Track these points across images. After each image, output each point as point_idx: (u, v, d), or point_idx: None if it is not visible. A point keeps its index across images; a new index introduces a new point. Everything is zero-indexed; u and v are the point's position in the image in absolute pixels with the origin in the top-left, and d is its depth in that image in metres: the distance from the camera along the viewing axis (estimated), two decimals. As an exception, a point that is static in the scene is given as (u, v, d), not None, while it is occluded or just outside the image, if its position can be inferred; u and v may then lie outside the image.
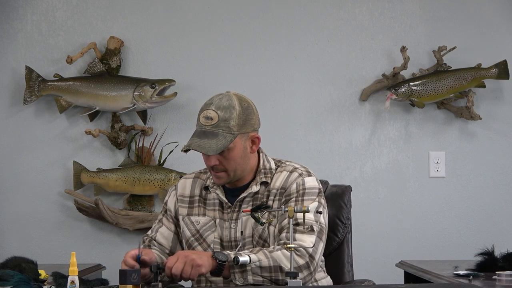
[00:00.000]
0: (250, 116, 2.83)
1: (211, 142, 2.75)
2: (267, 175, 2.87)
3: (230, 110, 2.78)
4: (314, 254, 2.72)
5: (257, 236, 2.82)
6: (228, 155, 2.78)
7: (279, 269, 2.67)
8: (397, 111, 4.47)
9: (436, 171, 4.47)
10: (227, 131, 2.77)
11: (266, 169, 2.89)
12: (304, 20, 4.47)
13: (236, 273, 2.66)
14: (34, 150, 4.44)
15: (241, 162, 2.81)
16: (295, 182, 2.85)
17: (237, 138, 2.78)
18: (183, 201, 2.95)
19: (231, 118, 2.77)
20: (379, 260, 4.40)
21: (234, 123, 2.78)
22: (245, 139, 2.82)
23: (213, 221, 2.88)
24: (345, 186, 3.35)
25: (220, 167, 2.80)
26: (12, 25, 4.46)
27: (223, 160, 2.79)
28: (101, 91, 4.36)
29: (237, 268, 2.65)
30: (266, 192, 2.86)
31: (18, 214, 4.42)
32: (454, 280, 3.09)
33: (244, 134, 2.81)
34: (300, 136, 4.46)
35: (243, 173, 2.84)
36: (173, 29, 4.46)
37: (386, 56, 4.47)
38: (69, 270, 2.51)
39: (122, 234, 4.40)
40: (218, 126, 2.77)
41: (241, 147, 2.80)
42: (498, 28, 4.49)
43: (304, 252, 2.70)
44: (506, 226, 4.46)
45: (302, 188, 2.84)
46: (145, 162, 4.38)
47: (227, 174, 2.82)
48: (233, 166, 2.80)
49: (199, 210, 2.92)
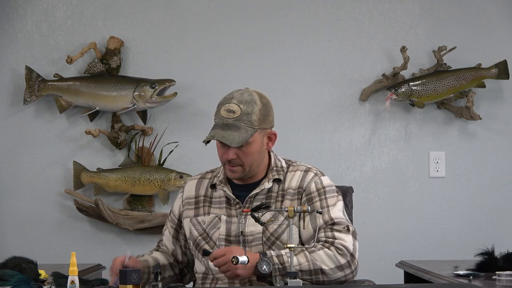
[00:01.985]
0: (269, 112, 2.87)
1: (234, 134, 2.78)
2: (280, 173, 2.90)
3: (252, 105, 2.81)
4: (354, 253, 2.77)
5: (269, 233, 2.82)
6: (246, 150, 2.81)
7: (319, 271, 2.71)
8: (397, 111, 4.47)
9: (436, 171, 4.47)
10: (249, 125, 2.80)
11: (278, 167, 2.92)
12: (304, 20, 4.47)
13: (277, 276, 2.70)
14: (34, 150, 4.44)
15: (257, 158, 2.85)
16: (313, 182, 2.88)
17: (257, 133, 2.82)
18: (189, 203, 2.96)
19: (253, 113, 2.81)
20: (379, 260, 4.40)
21: (256, 117, 2.81)
22: (263, 135, 2.86)
23: (218, 218, 2.88)
24: (347, 187, 3.36)
25: (237, 161, 2.83)
26: (12, 25, 4.46)
27: (241, 154, 2.81)
28: (101, 91, 4.36)
29: (278, 271, 2.69)
30: (281, 192, 2.88)
31: (18, 214, 4.42)
32: (454, 280, 3.09)
33: (263, 130, 2.85)
34: (300, 136, 4.46)
35: (257, 169, 2.87)
36: (173, 29, 4.46)
37: (386, 56, 4.47)
38: (69, 270, 2.51)
39: (122, 234, 4.40)
40: (240, 120, 2.80)
41: (259, 142, 2.84)
42: (498, 28, 4.49)
43: (346, 251, 2.74)
44: (506, 226, 4.46)
45: (321, 187, 2.88)
46: (145, 162, 4.38)
47: (242, 168, 2.84)
48: (250, 160, 2.83)
49: (204, 209, 2.93)
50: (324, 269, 2.70)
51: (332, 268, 2.71)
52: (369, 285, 2.91)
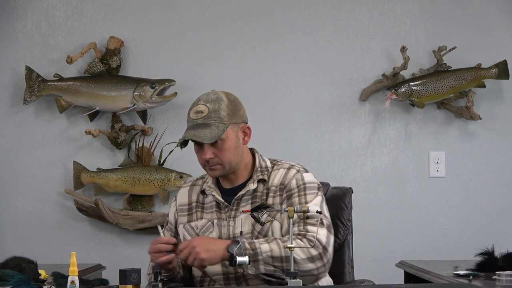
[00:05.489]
0: (238, 107, 2.89)
1: (205, 131, 2.81)
2: (264, 173, 2.91)
3: (218, 102, 2.85)
4: (327, 246, 2.76)
5: (257, 232, 2.83)
6: (222, 146, 2.83)
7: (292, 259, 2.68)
8: (397, 111, 4.47)
9: (436, 171, 4.47)
10: (219, 121, 2.83)
11: (263, 167, 2.93)
12: (304, 20, 4.47)
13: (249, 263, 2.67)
14: (34, 150, 4.44)
15: (235, 153, 2.86)
16: (294, 178, 2.89)
17: (229, 128, 2.84)
18: (182, 210, 3.00)
19: (220, 109, 2.84)
20: (379, 260, 4.40)
21: (224, 113, 2.84)
22: (237, 130, 2.87)
23: (211, 222, 2.91)
24: (346, 188, 3.37)
25: (216, 160, 2.84)
26: (12, 25, 4.46)
27: (217, 152, 2.83)
28: (101, 91, 4.36)
29: (250, 258, 2.67)
30: (265, 190, 2.89)
31: (18, 214, 4.42)
32: (454, 280, 3.09)
33: (235, 124, 2.86)
34: (300, 136, 4.46)
35: (237, 165, 2.88)
36: (173, 29, 4.46)
37: (386, 56, 4.47)
38: (69, 270, 2.51)
39: (122, 234, 4.40)
40: (209, 117, 2.83)
41: (233, 137, 2.85)
42: (498, 28, 4.49)
43: (318, 243, 2.73)
44: (506, 226, 4.46)
45: (302, 183, 2.88)
46: (145, 162, 4.38)
47: (222, 166, 2.86)
48: (228, 157, 2.84)
49: (197, 215, 2.96)
50: (295, 257, 2.68)
51: (303, 259, 2.70)
52: (368, 285, 2.91)
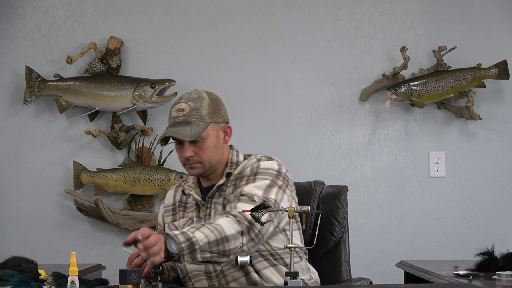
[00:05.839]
0: (220, 107, 2.89)
1: (185, 129, 2.81)
2: (232, 167, 2.91)
3: (200, 100, 2.85)
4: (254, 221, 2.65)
5: None
6: (202, 145, 2.83)
7: (225, 239, 2.62)
8: (397, 111, 4.47)
9: (436, 171, 4.47)
10: (200, 119, 2.83)
11: (233, 162, 2.93)
12: (304, 20, 4.47)
13: (185, 255, 2.57)
14: (34, 150, 4.44)
15: (215, 152, 2.86)
16: (251, 166, 2.88)
17: (210, 127, 2.84)
18: (167, 211, 3.02)
19: (201, 107, 2.84)
20: (379, 260, 4.40)
21: (205, 111, 2.84)
22: (218, 129, 2.87)
23: (191, 220, 2.92)
24: (341, 186, 3.36)
25: (196, 158, 2.85)
26: (12, 25, 4.46)
27: (198, 150, 2.84)
28: (101, 91, 4.36)
29: (187, 250, 2.56)
30: (229, 182, 2.89)
31: (18, 214, 4.42)
32: (454, 280, 3.09)
33: (216, 123, 2.87)
34: (300, 136, 4.46)
35: (217, 164, 2.89)
36: (173, 29, 4.46)
37: (386, 56, 4.47)
38: (69, 270, 2.51)
39: (122, 234, 4.40)
40: (190, 115, 2.83)
41: (213, 136, 2.85)
42: (498, 28, 4.49)
43: (244, 218, 2.65)
44: (506, 226, 4.46)
45: (256, 167, 2.86)
46: (145, 162, 4.38)
47: (202, 165, 2.86)
48: (208, 156, 2.85)
49: (180, 214, 2.98)
50: (228, 235, 2.61)
51: (233, 234, 2.63)
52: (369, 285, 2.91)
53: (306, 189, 3.30)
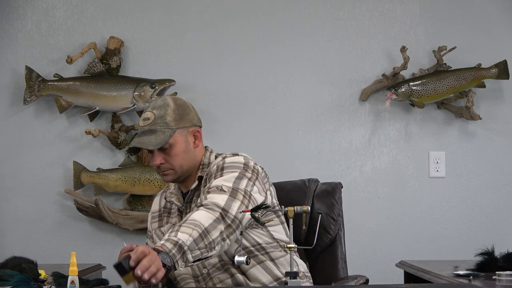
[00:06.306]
0: (187, 112, 2.89)
1: (150, 138, 2.81)
2: (203, 170, 2.91)
3: (164, 107, 2.86)
4: (227, 208, 2.64)
5: None
6: (171, 152, 2.84)
7: (206, 232, 2.56)
8: (397, 111, 4.47)
9: (436, 171, 4.47)
10: (165, 127, 2.83)
11: (205, 164, 2.92)
12: (304, 20, 4.47)
13: (178, 260, 2.50)
14: (34, 150, 4.44)
15: (185, 157, 2.87)
16: (216, 164, 2.86)
17: (177, 133, 2.84)
18: (154, 217, 3.04)
19: (166, 114, 2.84)
20: (379, 260, 4.40)
21: (171, 118, 2.84)
22: (186, 134, 2.87)
23: (173, 226, 2.90)
24: (335, 183, 3.35)
25: (166, 166, 2.86)
26: (12, 25, 4.46)
27: (167, 157, 2.85)
28: (101, 91, 4.36)
29: (178, 254, 2.49)
30: (201, 186, 2.88)
31: (18, 214, 4.42)
32: (454, 280, 3.09)
33: (183, 128, 2.86)
34: (300, 136, 4.46)
35: (190, 169, 2.89)
36: (173, 29, 4.46)
37: (386, 56, 4.47)
38: (69, 270, 2.51)
39: (122, 234, 4.40)
40: (155, 124, 2.84)
41: (182, 142, 2.86)
42: (498, 28, 4.49)
43: (215, 206, 2.62)
44: (506, 226, 4.46)
45: (222, 164, 2.84)
46: (145, 162, 4.38)
47: (174, 171, 2.87)
48: (178, 162, 2.85)
49: (164, 220, 3.00)
50: (207, 227, 2.56)
51: (211, 223, 2.58)
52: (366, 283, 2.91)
53: (301, 187, 3.30)
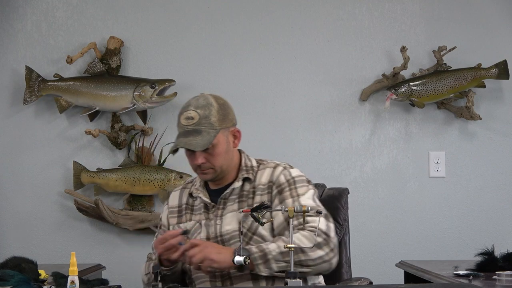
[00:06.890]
0: (228, 111, 2.92)
1: (196, 139, 2.83)
2: (249, 172, 2.94)
3: (208, 108, 2.87)
4: (329, 232, 2.79)
5: (245, 229, 2.85)
6: (213, 152, 2.86)
7: (300, 250, 2.72)
8: (397, 111, 4.47)
9: (436, 171, 4.47)
10: (210, 127, 2.85)
11: (248, 166, 2.96)
12: (304, 20, 4.47)
13: (259, 265, 2.72)
14: (34, 150, 4.44)
15: (226, 157, 2.89)
16: (282, 174, 2.92)
17: (220, 133, 2.87)
18: (172, 212, 3.03)
19: (211, 115, 2.86)
20: (379, 260, 4.40)
21: (215, 119, 2.86)
22: (227, 134, 2.90)
23: (199, 223, 2.93)
24: (342, 188, 3.38)
25: (207, 165, 2.88)
26: (12, 25, 4.46)
27: (209, 157, 2.86)
28: (101, 91, 4.36)
29: (260, 259, 2.71)
30: (252, 189, 2.92)
31: (18, 214, 4.42)
32: (454, 280, 3.09)
33: (225, 129, 2.89)
34: (300, 136, 4.46)
35: (229, 168, 2.92)
36: (173, 29, 4.46)
37: (386, 56, 4.47)
38: (69, 270, 2.51)
39: (122, 234, 4.40)
40: (200, 124, 2.85)
41: (224, 142, 2.88)
42: (498, 28, 4.49)
43: (319, 231, 2.75)
44: (506, 226, 4.46)
45: (290, 177, 2.91)
46: (145, 162, 4.38)
47: (214, 170, 2.89)
48: (219, 162, 2.88)
49: (186, 217, 2.99)
50: (303, 248, 2.72)
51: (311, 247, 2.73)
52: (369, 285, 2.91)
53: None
